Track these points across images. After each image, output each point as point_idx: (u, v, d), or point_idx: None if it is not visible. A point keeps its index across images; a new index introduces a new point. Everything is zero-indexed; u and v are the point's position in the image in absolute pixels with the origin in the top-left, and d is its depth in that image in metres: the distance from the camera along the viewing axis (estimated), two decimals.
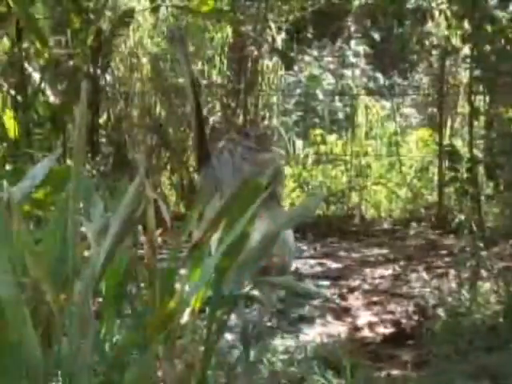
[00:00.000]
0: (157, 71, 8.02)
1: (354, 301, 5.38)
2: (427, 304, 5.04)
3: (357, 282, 5.84)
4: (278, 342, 4.29)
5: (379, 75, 10.82)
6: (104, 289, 3.10)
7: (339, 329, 4.75)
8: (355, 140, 8.55)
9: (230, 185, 3.86)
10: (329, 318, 4.95)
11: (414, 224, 7.68)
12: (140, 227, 3.21)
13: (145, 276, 3.00)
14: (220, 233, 3.15)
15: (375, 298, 5.42)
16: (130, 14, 7.17)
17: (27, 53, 6.88)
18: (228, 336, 4.20)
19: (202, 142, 4.12)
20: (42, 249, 2.74)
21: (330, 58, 10.96)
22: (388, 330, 4.76)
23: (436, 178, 8.17)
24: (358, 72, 10.51)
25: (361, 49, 10.93)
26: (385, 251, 6.91)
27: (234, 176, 3.92)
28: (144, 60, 8.05)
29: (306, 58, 10.74)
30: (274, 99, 8.66)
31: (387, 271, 6.21)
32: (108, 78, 7.79)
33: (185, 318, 3.18)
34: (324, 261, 6.53)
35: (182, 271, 3.27)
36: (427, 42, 8.85)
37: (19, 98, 6.83)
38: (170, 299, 2.92)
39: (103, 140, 7.87)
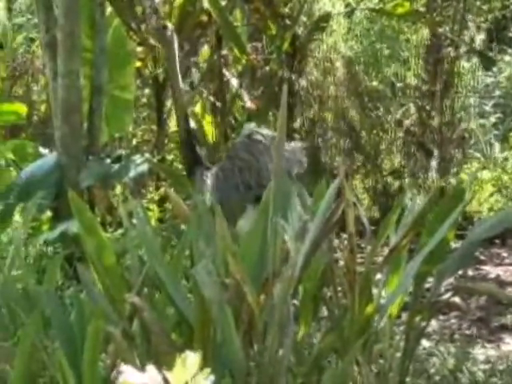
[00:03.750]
0: (350, 75, 8.00)
1: None
2: None
3: None
4: (479, 351, 4.15)
5: None
6: (301, 291, 3.12)
7: None
8: None
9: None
10: None
11: None
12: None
13: (341, 280, 2.99)
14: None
15: None
16: (325, 18, 7.19)
17: (226, 59, 7.07)
18: (425, 343, 4.11)
19: (191, 147, 4.34)
20: (242, 250, 2.80)
21: None
22: None
23: None
24: None
25: None
26: None
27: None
28: (338, 64, 8.05)
29: (506, 58, 10.35)
30: (471, 101, 8.39)
31: None
32: (302, 82, 7.85)
33: (382, 323, 3.14)
34: None
35: (379, 276, 3.23)
36: None
37: (218, 103, 7.04)
38: (367, 304, 2.89)
39: None
